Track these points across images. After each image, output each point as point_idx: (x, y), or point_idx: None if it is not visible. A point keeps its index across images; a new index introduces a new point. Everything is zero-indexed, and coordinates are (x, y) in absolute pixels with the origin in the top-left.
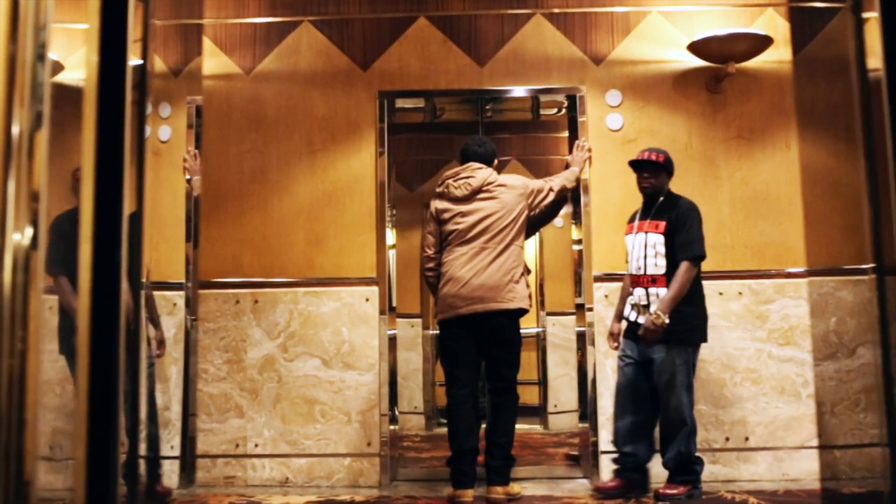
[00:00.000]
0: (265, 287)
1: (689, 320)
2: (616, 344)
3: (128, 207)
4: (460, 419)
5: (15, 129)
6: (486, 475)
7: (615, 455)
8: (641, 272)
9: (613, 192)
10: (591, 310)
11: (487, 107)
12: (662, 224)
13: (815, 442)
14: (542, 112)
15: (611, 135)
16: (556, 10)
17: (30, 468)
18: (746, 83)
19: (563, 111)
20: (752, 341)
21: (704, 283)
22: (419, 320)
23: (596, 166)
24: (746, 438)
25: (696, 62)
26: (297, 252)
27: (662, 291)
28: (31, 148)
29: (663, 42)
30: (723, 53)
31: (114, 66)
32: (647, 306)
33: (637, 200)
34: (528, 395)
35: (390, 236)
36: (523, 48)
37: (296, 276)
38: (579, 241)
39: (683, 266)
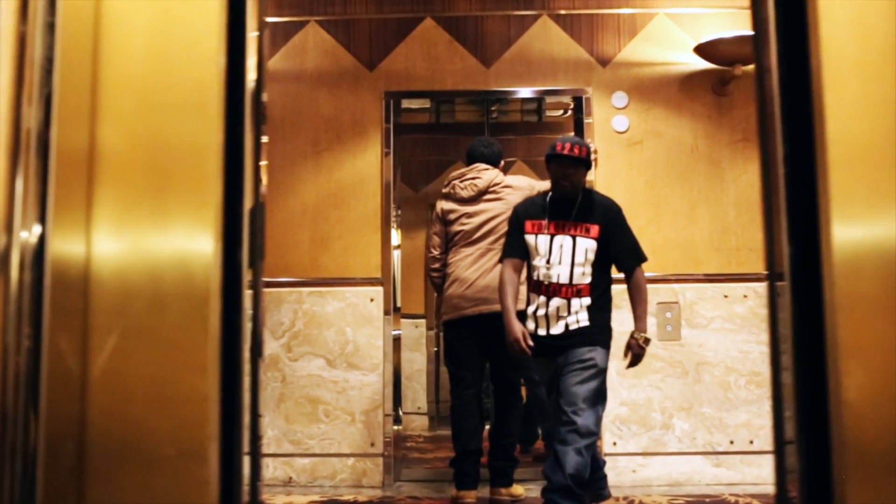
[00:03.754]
0: (270, 286)
1: (608, 324)
2: (531, 345)
3: (247, 205)
4: (464, 420)
5: (24, 127)
6: (489, 476)
7: None
8: (565, 281)
9: (619, 193)
10: None
11: (493, 108)
12: (595, 228)
13: None
14: (548, 113)
15: (616, 137)
16: (563, 12)
17: (38, 467)
18: (752, 86)
19: (569, 113)
20: (757, 344)
21: (708, 285)
22: (423, 321)
23: (601, 168)
24: (751, 441)
25: (703, 64)
26: (302, 252)
27: (587, 301)
28: (40, 145)
29: (670, 44)
30: (729, 56)
31: (236, 62)
32: (564, 317)
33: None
34: None
35: (395, 237)
36: (529, 49)
37: (300, 276)
38: None
39: (640, 272)
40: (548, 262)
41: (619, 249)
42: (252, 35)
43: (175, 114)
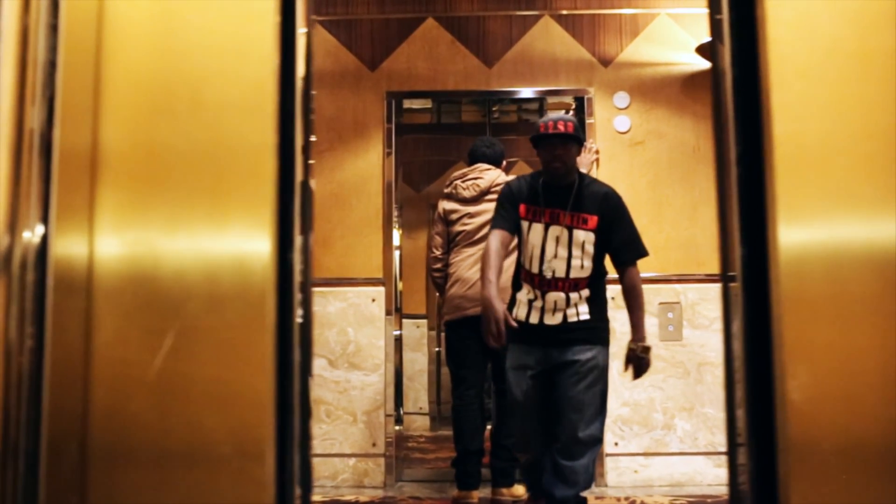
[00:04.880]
0: None
1: (606, 315)
2: (513, 327)
3: (298, 205)
4: (466, 420)
5: (27, 127)
6: (491, 476)
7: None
8: (562, 276)
9: (621, 193)
10: None
11: (495, 108)
12: (593, 219)
13: None
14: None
15: (618, 137)
16: (565, 12)
17: (41, 466)
18: None
19: (571, 113)
20: None
21: (711, 286)
22: (425, 321)
23: (603, 168)
24: None
25: (705, 65)
26: None
27: (585, 293)
28: (42, 145)
29: (672, 44)
30: None
31: (286, 59)
32: (559, 310)
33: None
34: None
35: (397, 237)
36: (531, 49)
37: None
38: None
39: (636, 272)
40: (542, 254)
41: (619, 242)
42: (301, 31)
43: (230, 113)
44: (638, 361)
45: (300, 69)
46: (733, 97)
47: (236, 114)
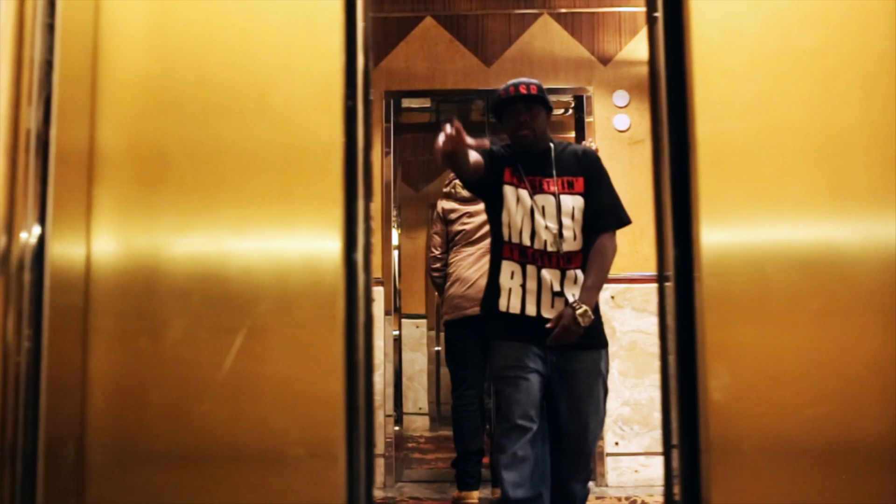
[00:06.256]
0: None
1: (599, 311)
2: (454, 138)
3: (362, 205)
4: (466, 420)
5: (23, 127)
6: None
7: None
8: (553, 249)
9: (620, 193)
10: None
11: None
12: (579, 181)
13: None
14: None
15: (618, 135)
16: (564, 10)
17: (39, 467)
18: None
19: (570, 112)
20: None
21: None
22: (424, 321)
23: None
24: None
25: None
26: None
27: (580, 273)
28: (39, 145)
29: None
30: None
31: (350, 56)
32: (560, 293)
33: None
34: None
35: (395, 237)
36: (530, 48)
37: None
38: None
39: (607, 238)
40: (533, 223)
41: (599, 204)
42: (361, 26)
43: (300, 112)
44: (567, 322)
45: (360, 65)
46: (667, 96)
47: (302, 112)
